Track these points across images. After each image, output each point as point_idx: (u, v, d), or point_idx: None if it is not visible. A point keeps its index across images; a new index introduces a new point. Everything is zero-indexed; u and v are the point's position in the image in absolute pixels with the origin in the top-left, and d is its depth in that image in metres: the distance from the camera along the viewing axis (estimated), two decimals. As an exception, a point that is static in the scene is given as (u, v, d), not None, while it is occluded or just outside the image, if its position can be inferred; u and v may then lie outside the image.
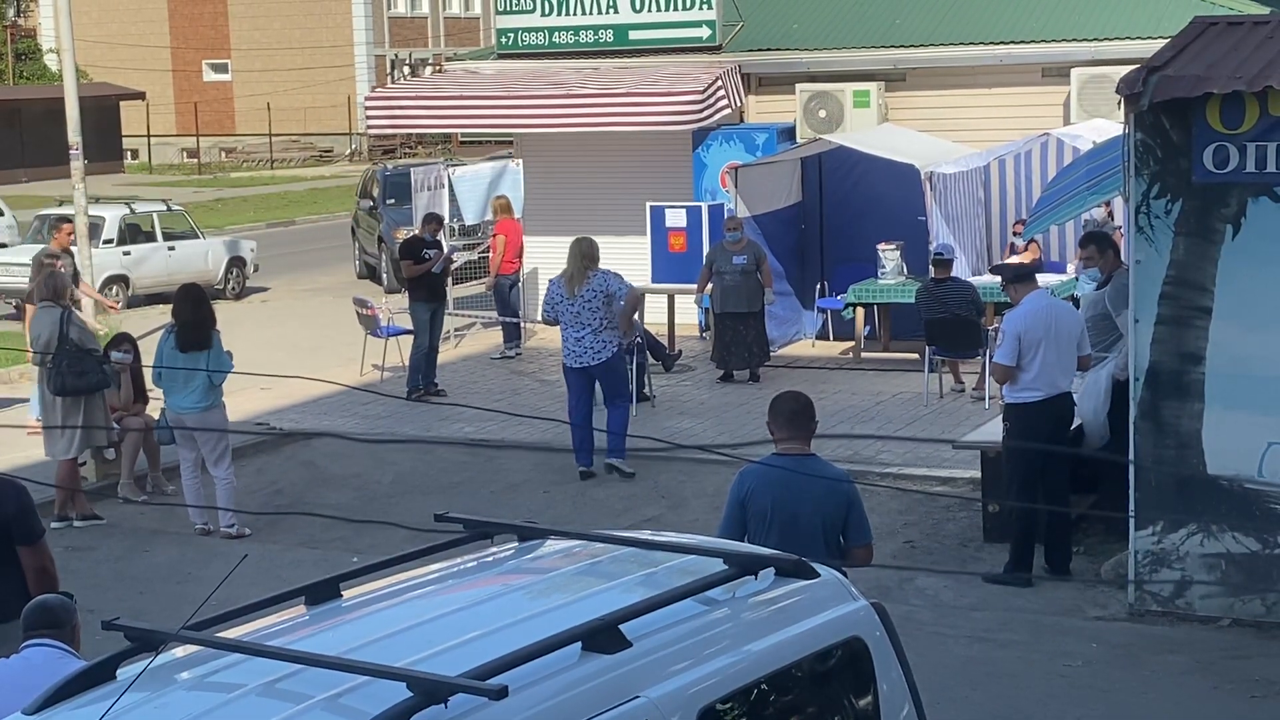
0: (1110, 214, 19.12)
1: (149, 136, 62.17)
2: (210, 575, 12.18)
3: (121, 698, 4.73)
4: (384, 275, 28.81)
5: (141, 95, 60.57)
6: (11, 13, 69.38)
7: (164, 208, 30.13)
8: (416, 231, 21.01)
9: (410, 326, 19.88)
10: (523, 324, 22.48)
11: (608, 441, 15.50)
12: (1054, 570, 12.36)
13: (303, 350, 22.58)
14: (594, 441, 15.50)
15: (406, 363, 19.81)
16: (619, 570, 5.93)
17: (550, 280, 15.70)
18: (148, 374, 15.69)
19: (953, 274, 18.41)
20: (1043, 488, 12.30)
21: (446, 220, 22.99)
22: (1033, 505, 12.10)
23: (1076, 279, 19.78)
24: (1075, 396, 12.60)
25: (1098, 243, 13.50)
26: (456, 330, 23.40)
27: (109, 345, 15.85)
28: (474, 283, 25.26)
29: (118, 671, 5.09)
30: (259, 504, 15.16)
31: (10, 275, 27.32)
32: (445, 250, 20.62)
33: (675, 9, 22.70)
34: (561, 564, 6.13)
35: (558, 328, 15.80)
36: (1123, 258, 13.22)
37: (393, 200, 29.54)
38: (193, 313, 14.08)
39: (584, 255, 15.45)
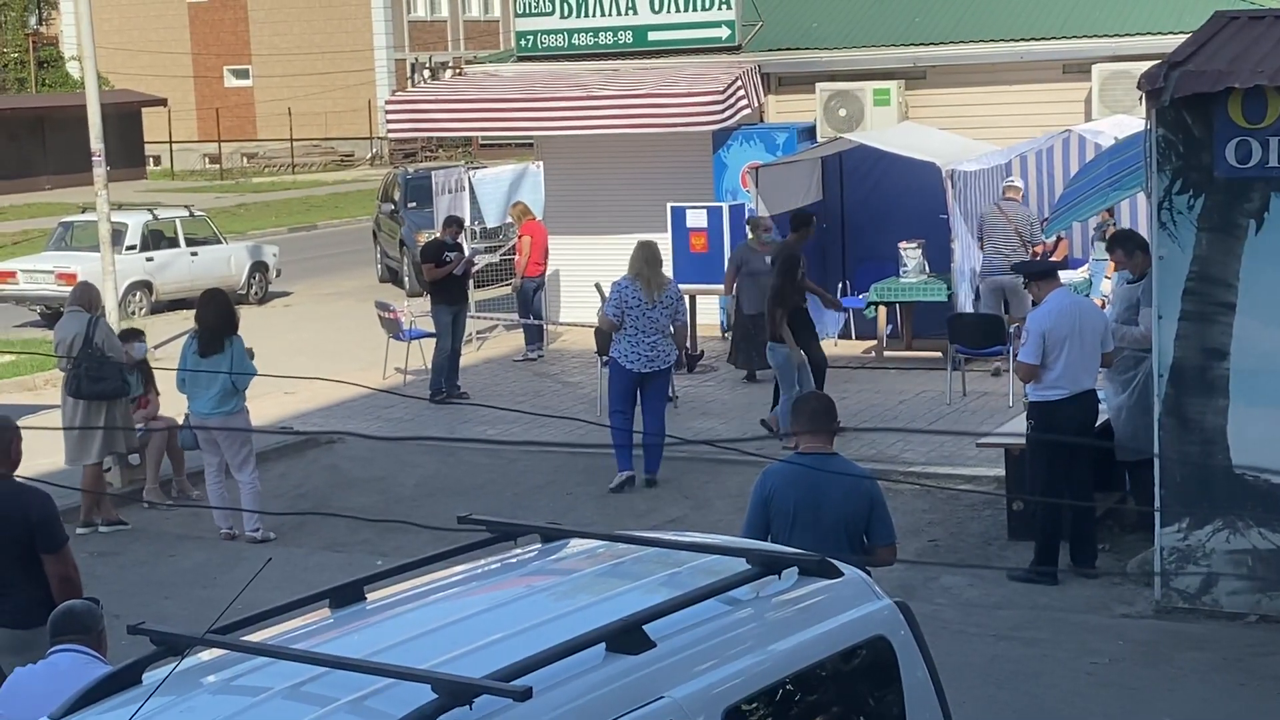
0: (1110, 214, 19.03)
1: (171, 143, 62.33)
2: (235, 579, 12.19)
3: (147, 702, 4.74)
4: (406, 279, 28.85)
5: (163, 102, 60.74)
6: (33, 21, 69.61)
7: (186, 213, 30.19)
8: (438, 235, 21.03)
9: (432, 329, 19.91)
10: (545, 326, 22.49)
11: (652, 453, 15.39)
12: (1079, 567, 12.34)
13: (325, 354, 22.62)
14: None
15: (429, 366, 19.83)
16: (642, 571, 5.93)
17: (617, 283, 15.44)
18: (166, 376, 15.71)
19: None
20: (1067, 485, 12.27)
21: (467, 223, 23.02)
22: (1058, 501, 12.07)
23: (1090, 279, 19.77)
24: (1100, 394, 12.56)
25: (1124, 245, 13.35)
26: (479, 333, 23.43)
27: (122, 336, 15.85)
28: (496, 285, 25.28)
29: (143, 676, 5.10)
30: (283, 508, 15.17)
31: (35, 283, 27.45)
32: (466, 253, 20.64)
33: (694, 9, 22.69)
34: (585, 565, 6.13)
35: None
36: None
37: (414, 204, 29.57)
38: (214, 318, 14.11)
39: (657, 260, 15.37)
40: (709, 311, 21.89)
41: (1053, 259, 19.20)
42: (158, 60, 64.38)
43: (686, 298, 20.29)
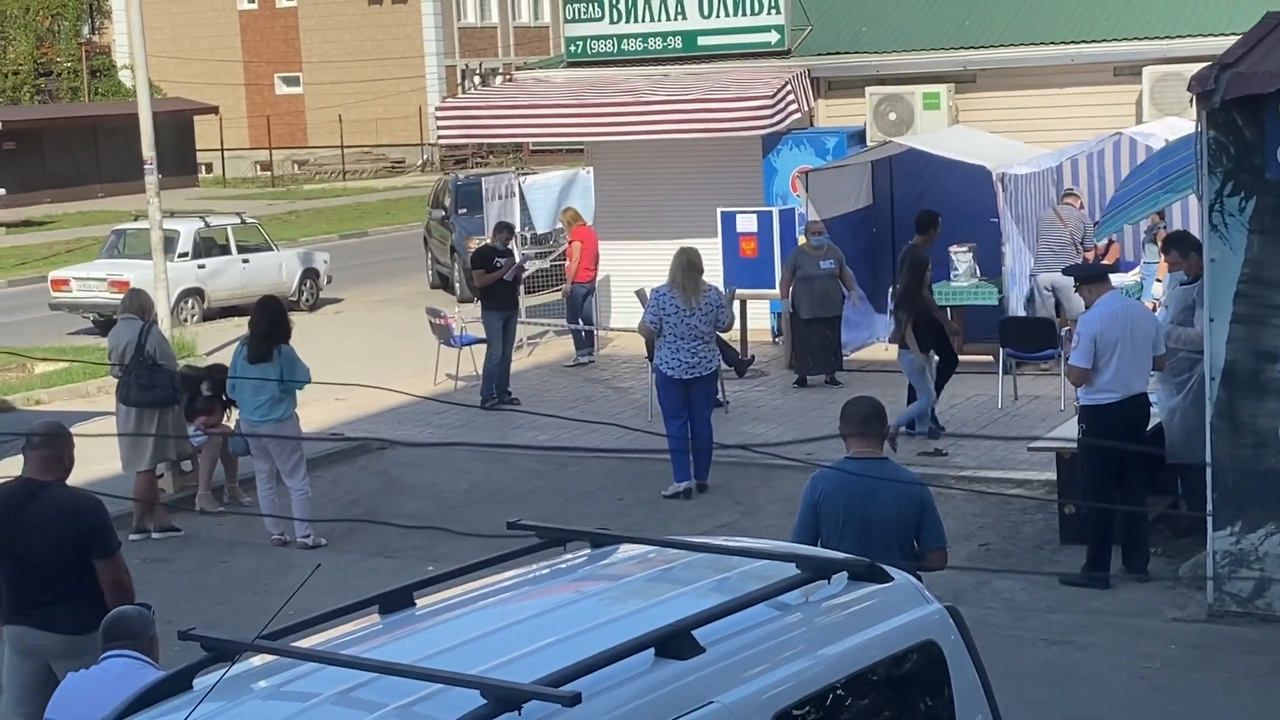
0: (1161, 217, 18.93)
1: (223, 150, 62.68)
2: (287, 585, 12.25)
3: (198, 707, 4.77)
4: (457, 285, 28.91)
5: (215, 109, 61.09)
6: (86, 30, 70.15)
7: (238, 221, 30.34)
8: (488, 241, 21.07)
9: (483, 335, 19.95)
10: (596, 332, 22.51)
11: (701, 460, 15.39)
12: (1132, 572, 12.27)
13: (376, 360, 22.69)
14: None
15: (480, 372, 19.87)
16: (692, 576, 5.93)
17: (655, 290, 15.44)
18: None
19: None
20: (1119, 489, 12.21)
21: (518, 229, 23.06)
22: (1110, 506, 12.02)
23: (1141, 282, 19.67)
24: (1152, 397, 12.50)
25: (1179, 246, 13.28)
26: (529, 339, 23.47)
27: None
28: (546, 291, 25.31)
29: (194, 681, 5.13)
30: (335, 514, 15.22)
31: (89, 290, 27.63)
32: (517, 259, 20.68)
33: (743, 14, 22.67)
34: (634, 570, 6.13)
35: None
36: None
37: (464, 210, 29.63)
38: (266, 325, 14.15)
39: (695, 267, 15.31)
40: (760, 316, 21.85)
41: (1104, 262, 19.11)
42: (209, 68, 64.77)
43: (736, 303, 20.35)
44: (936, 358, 16.74)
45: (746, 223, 21.08)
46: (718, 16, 22.78)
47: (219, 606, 12.72)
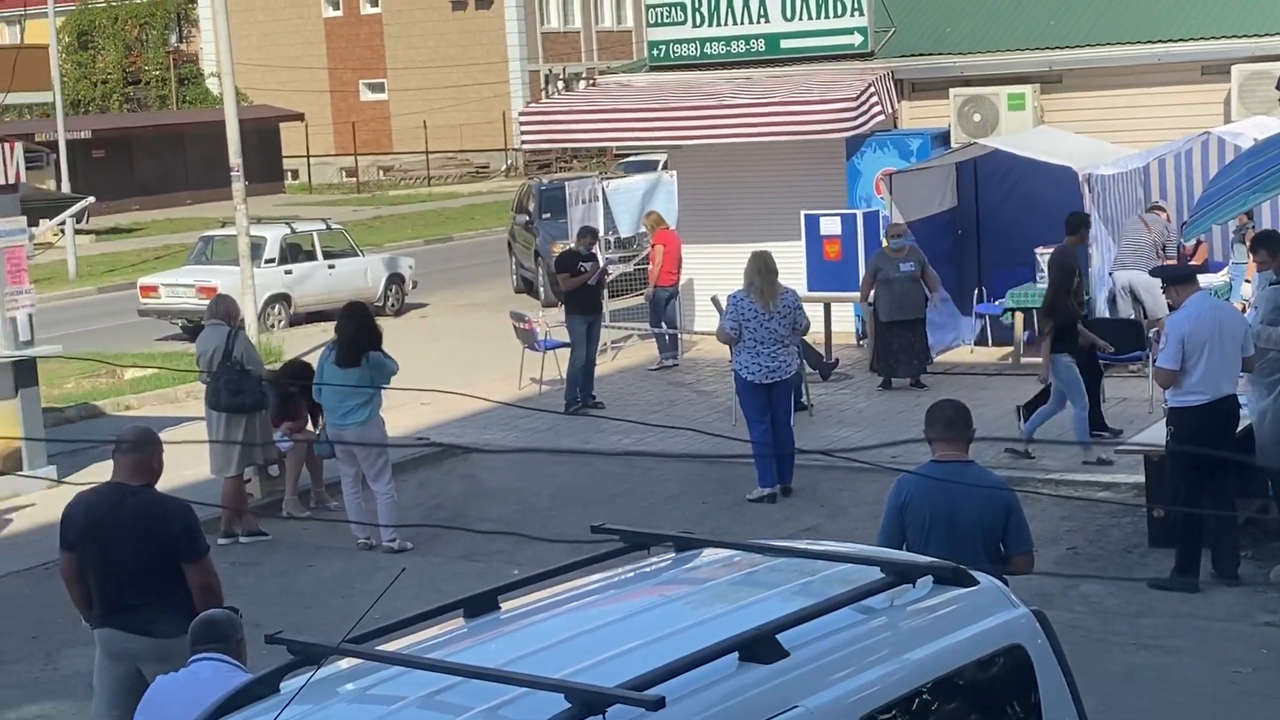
0: (1250, 217, 18.73)
1: (308, 157, 63.13)
2: (373, 589, 12.32)
3: (285, 710, 4.80)
4: (541, 289, 29.00)
5: (300, 116, 61.55)
6: (174, 39, 70.85)
7: (324, 227, 30.53)
8: (572, 245, 21.12)
9: (567, 340, 19.99)
10: (680, 335, 22.51)
11: (784, 463, 15.36)
12: (1221, 576, 12.14)
13: (461, 365, 22.79)
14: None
15: (564, 376, 19.91)
16: (776, 579, 5.91)
17: (732, 296, 15.41)
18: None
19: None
20: (1209, 491, 12.08)
21: (601, 233, 23.09)
22: (1199, 510, 11.89)
23: (1229, 283, 19.47)
24: (1242, 399, 12.36)
25: (1267, 245, 13.16)
26: (613, 343, 23.50)
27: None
28: (630, 295, 25.35)
29: (281, 685, 5.16)
30: (420, 518, 15.30)
31: (177, 296, 27.90)
32: (600, 263, 20.71)
33: (827, 16, 22.62)
34: (718, 574, 6.12)
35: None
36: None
37: (548, 214, 29.72)
38: (354, 331, 14.22)
39: (771, 270, 15.27)
40: (844, 319, 21.79)
41: (1192, 263, 18.94)
42: (295, 75, 65.25)
43: (821, 305, 20.30)
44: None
45: (830, 225, 21.03)
46: (801, 19, 22.74)
47: (306, 610, 12.81)
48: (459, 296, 31.78)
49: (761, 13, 22.93)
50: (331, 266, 29.34)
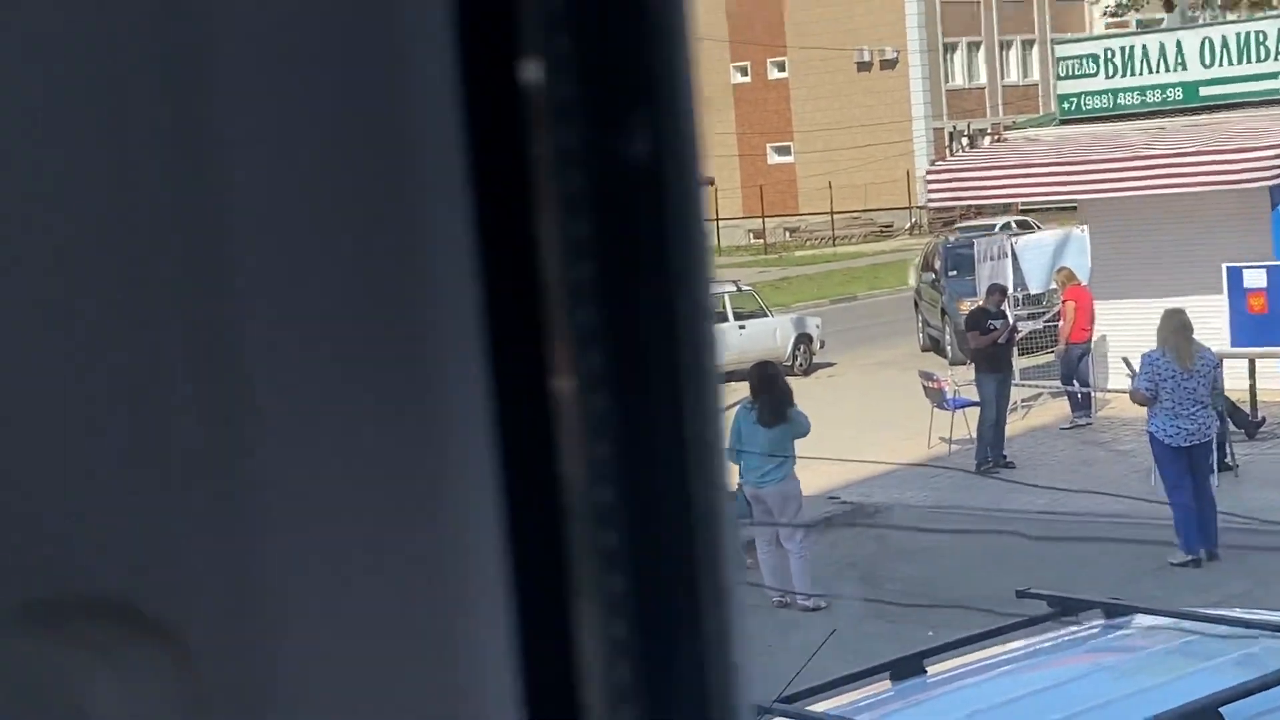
0: None
1: (718, 220, 64.00)
2: (789, 647, 12.29)
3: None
4: (948, 347, 28.72)
5: (710, 181, 62.38)
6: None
7: (734, 288, 30.82)
8: (980, 303, 20.89)
9: (977, 398, 19.74)
10: (1094, 393, 22.01)
11: (1208, 527, 14.89)
12: None
13: (870, 424, 22.68)
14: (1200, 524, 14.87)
15: (974, 435, 19.65)
16: (1214, 650, 5.69)
17: (1146, 355, 15.07)
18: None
19: None
20: None
21: (1010, 290, 22.78)
22: None
23: None
24: None
25: None
26: (1024, 401, 23.10)
27: None
28: (1040, 353, 24.91)
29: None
30: (832, 577, 15.24)
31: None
32: (1010, 320, 20.42)
33: (1248, 62, 21.92)
34: (1151, 643, 5.92)
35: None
36: None
37: (955, 272, 29.45)
38: (770, 388, 14.34)
39: (1188, 327, 14.89)
40: (1270, 375, 20.97)
41: None
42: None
43: (1245, 361, 19.61)
44: None
45: (1255, 278, 20.35)
46: (1220, 65, 22.09)
47: (721, 668, 12.85)
48: (865, 355, 31.69)
49: (1179, 61, 22.34)
50: (742, 327, 29.55)
